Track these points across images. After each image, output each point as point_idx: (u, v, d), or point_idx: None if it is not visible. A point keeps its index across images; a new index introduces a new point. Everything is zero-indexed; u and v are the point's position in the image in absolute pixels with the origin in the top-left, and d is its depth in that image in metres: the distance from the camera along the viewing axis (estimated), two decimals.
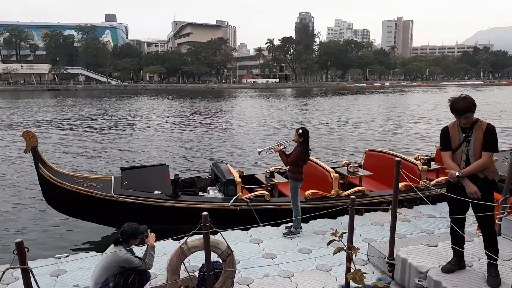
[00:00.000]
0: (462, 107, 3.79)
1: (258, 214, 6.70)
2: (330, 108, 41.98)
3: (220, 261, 4.24)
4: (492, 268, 3.87)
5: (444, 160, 3.99)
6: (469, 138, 3.80)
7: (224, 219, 6.54)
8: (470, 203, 3.84)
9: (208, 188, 7.88)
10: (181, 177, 8.21)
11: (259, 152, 7.02)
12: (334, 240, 3.26)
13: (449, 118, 3.99)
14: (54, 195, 6.75)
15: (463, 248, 4.07)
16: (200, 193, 7.69)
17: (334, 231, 3.29)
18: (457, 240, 4.09)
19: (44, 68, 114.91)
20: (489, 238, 3.92)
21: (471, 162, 3.80)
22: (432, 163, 9.13)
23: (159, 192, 7.00)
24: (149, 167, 7.92)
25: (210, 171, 8.87)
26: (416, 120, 29.76)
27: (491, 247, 3.89)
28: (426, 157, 9.24)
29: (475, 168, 3.76)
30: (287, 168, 6.53)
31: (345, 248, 3.41)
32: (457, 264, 4.07)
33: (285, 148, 6.51)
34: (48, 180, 6.51)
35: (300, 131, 6.16)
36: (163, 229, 5.33)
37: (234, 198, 6.97)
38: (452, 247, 4.13)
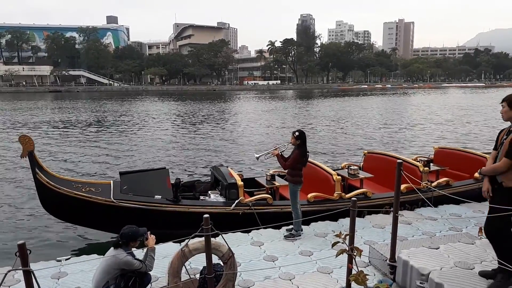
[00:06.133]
0: None
1: (261, 218, 6.65)
2: (330, 110, 41.99)
3: (221, 263, 4.24)
4: (500, 274, 3.82)
5: None
6: (503, 141, 3.83)
7: (227, 223, 6.47)
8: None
9: (209, 192, 7.82)
10: (182, 181, 8.19)
11: (257, 158, 6.94)
12: (338, 242, 3.25)
13: (449, 120, 4.00)
14: (52, 201, 6.65)
15: None
16: (201, 197, 7.64)
17: (338, 233, 3.28)
18: None
19: (45, 70, 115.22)
20: (496, 244, 3.88)
21: None
22: (431, 164, 9.10)
23: (160, 197, 6.91)
24: (148, 171, 7.84)
25: (210, 174, 8.81)
26: (414, 121, 29.73)
27: (500, 254, 3.85)
28: (425, 159, 9.21)
29: (488, 169, 3.87)
30: (286, 171, 6.51)
31: (348, 250, 3.40)
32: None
33: (282, 151, 6.47)
34: (45, 185, 6.41)
35: (297, 133, 6.11)
36: (164, 233, 5.31)
37: (236, 201, 6.90)
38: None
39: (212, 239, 3.59)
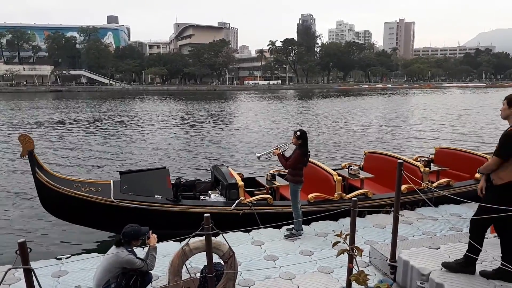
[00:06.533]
0: None
1: (261, 218, 6.64)
2: (331, 109, 41.97)
3: (222, 262, 4.24)
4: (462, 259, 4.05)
5: None
6: None
7: (227, 223, 6.45)
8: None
9: (209, 191, 7.80)
10: (182, 181, 8.18)
11: (258, 157, 6.95)
12: (339, 241, 3.25)
13: (450, 120, 4.03)
14: (51, 200, 6.63)
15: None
16: (201, 197, 7.62)
17: (339, 233, 3.28)
18: None
19: (46, 69, 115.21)
20: (472, 236, 4.00)
21: None
22: (432, 164, 9.08)
23: (160, 197, 6.90)
24: (149, 171, 7.82)
25: (210, 174, 8.80)
26: (414, 121, 29.71)
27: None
28: (426, 159, 9.19)
29: (482, 168, 3.94)
30: (287, 170, 6.50)
31: (348, 250, 3.40)
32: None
33: (284, 151, 6.48)
34: (44, 185, 6.39)
35: (298, 133, 6.12)
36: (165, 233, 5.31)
37: (237, 202, 6.89)
38: None
39: (213, 238, 3.59)
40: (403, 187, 6.63)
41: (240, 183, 7.08)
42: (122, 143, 20.36)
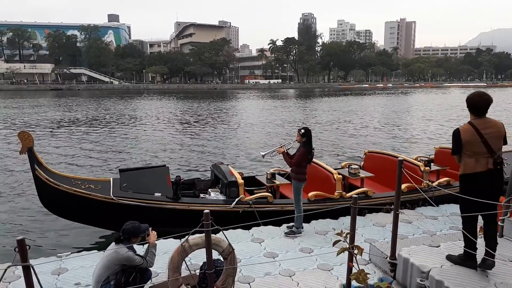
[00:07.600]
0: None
1: (261, 216, 6.64)
2: (331, 109, 41.94)
3: (222, 259, 4.24)
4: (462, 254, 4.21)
5: None
6: None
7: (227, 221, 6.45)
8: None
9: (209, 189, 7.80)
10: (182, 179, 8.17)
11: (263, 156, 6.95)
12: (340, 240, 3.25)
13: (450, 120, 4.05)
14: (51, 198, 6.62)
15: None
16: (201, 195, 7.62)
17: (339, 231, 3.28)
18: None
19: (47, 68, 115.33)
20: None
21: None
22: (432, 164, 9.06)
23: (159, 194, 6.89)
24: (148, 169, 7.82)
25: (210, 172, 8.79)
26: (415, 121, 29.68)
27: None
28: (426, 159, 9.17)
29: None
30: (288, 169, 6.49)
31: (349, 248, 3.40)
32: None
33: (288, 149, 6.49)
34: (44, 182, 6.37)
35: (303, 131, 6.13)
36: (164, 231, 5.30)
37: (237, 200, 6.89)
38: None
39: (212, 235, 3.58)
40: (403, 186, 6.61)
41: (240, 181, 7.08)
42: (122, 141, 20.35)
